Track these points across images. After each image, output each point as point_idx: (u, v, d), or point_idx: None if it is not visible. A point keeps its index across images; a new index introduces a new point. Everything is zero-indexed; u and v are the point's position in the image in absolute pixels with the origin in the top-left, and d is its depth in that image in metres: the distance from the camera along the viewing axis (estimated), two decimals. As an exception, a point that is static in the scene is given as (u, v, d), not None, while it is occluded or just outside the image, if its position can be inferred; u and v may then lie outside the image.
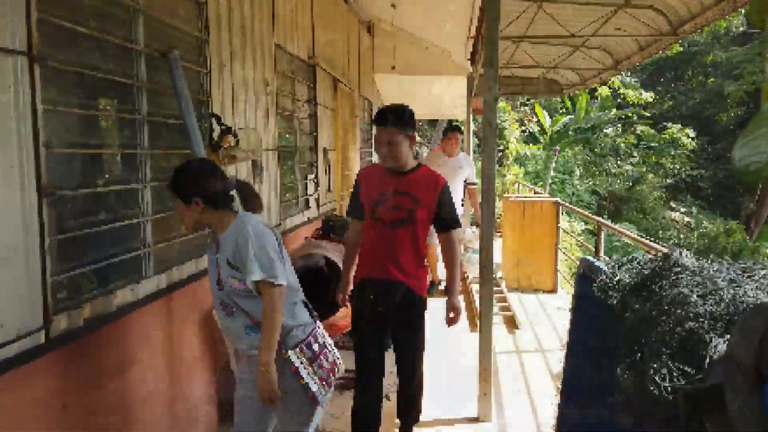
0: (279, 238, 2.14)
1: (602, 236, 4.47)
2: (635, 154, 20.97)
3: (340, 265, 3.51)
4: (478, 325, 3.49)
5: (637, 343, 1.76)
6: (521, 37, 5.74)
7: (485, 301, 3.39)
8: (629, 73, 23.33)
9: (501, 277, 6.38)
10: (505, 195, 7.90)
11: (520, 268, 6.46)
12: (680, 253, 1.98)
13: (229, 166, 3.14)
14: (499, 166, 14.10)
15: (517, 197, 6.89)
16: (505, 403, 3.73)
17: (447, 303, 2.86)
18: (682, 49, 22.02)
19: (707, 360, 1.53)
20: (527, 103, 21.70)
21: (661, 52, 5.50)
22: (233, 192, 2.13)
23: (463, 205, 5.91)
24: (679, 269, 1.90)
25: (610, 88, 19.99)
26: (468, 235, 6.86)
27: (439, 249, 5.97)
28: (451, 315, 2.85)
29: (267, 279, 1.99)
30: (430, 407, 3.63)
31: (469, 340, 4.46)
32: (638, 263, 2.23)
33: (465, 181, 5.82)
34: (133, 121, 2.45)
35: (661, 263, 1.99)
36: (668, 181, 20.30)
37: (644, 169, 19.86)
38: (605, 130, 20.69)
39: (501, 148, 15.04)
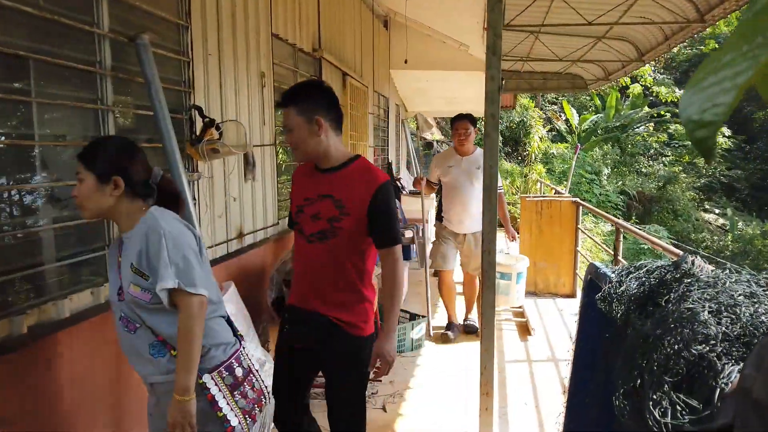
0: (200, 240, 1.82)
1: (620, 238, 4.17)
2: (667, 153, 20.33)
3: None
4: (480, 333, 3.23)
5: (637, 366, 1.50)
6: (538, 26, 5.43)
7: (487, 309, 3.13)
8: (662, 71, 22.64)
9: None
10: (522, 194, 7.60)
11: (537, 270, 6.16)
12: (692, 261, 1.71)
13: (211, 161, 2.96)
14: (523, 164, 13.71)
15: (535, 196, 6.59)
16: (511, 418, 3.47)
17: (374, 345, 2.16)
18: (717, 45, 21.23)
19: (717, 392, 1.27)
20: (556, 101, 21.22)
21: (687, 41, 5.14)
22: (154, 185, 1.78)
23: None
24: (690, 280, 1.63)
25: (642, 85, 19.38)
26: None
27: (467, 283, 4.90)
28: (378, 364, 2.16)
29: (183, 287, 1.64)
30: (426, 421, 3.40)
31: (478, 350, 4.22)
32: (647, 271, 1.97)
33: None
34: (96, 111, 2.27)
35: (669, 272, 1.72)
36: (702, 181, 19.60)
37: (677, 169, 19.20)
38: (636, 129, 20.07)
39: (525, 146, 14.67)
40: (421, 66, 7.61)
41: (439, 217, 4.83)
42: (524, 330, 5.00)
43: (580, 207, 5.99)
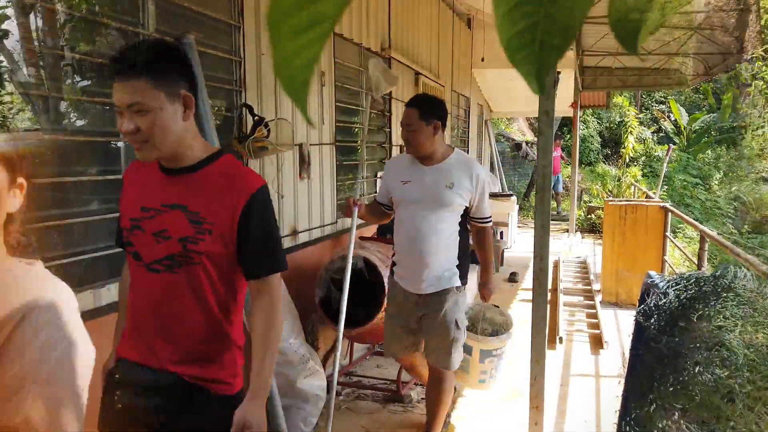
0: None
1: (705, 247, 3.79)
2: (794, 156, 18.34)
3: (380, 267, 3.27)
4: (530, 343, 3.05)
5: (654, 389, 1.33)
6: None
7: (538, 316, 2.95)
8: (790, 65, 20.45)
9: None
10: (607, 198, 7.15)
11: (619, 279, 5.76)
12: (735, 274, 1.49)
13: (258, 158, 3.01)
14: (616, 168, 12.93)
15: (620, 201, 6.16)
16: (566, 435, 3.25)
17: (237, 411, 1.42)
18: None
19: (731, 425, 1.08)
20: (664, 99, 19.86)
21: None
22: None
23: (461, 271, 2.77)
24: (727, 295, 1.41)
25: (766, 82, 17.59)
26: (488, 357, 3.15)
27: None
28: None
29: None
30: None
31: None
32: (695, 282, 1.75)
33: (468, 216, 2.77)
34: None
35: (707, 286, 1.51)
36: (834, 187, 17.46)
37: (803, 174, 17.26)
38: (758, 130, 18.26)
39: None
40: (496, 64, 7.36)
41: (391, 268, 2.87)
42: (597, 342, 4.68)
43: (669, 213, 5.52)
